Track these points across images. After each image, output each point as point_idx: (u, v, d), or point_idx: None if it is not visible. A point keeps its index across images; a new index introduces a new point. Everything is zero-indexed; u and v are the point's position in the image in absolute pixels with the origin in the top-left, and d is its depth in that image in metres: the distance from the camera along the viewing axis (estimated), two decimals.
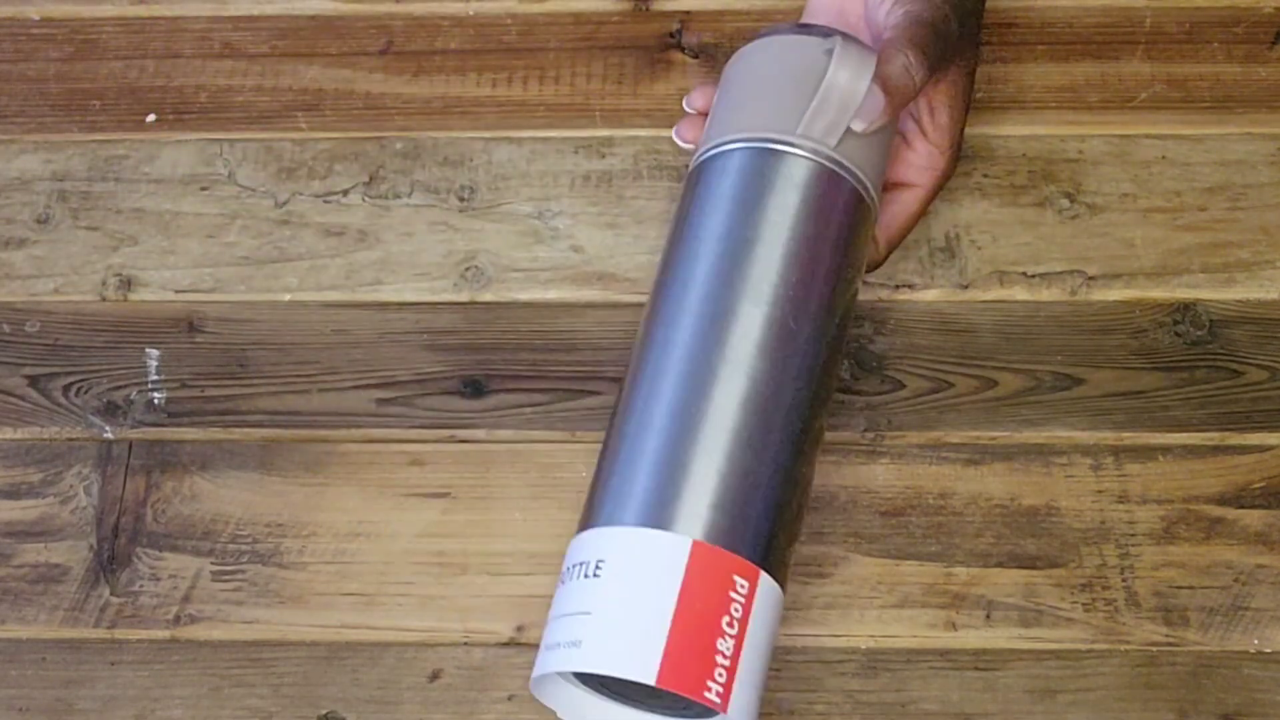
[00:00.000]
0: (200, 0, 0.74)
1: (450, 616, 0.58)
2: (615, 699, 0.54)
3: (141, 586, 0.59)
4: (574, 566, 0.52)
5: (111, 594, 0.59)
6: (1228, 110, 0.69)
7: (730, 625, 0.50)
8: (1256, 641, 0.57)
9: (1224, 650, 0.57)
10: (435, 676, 0.57)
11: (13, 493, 0.61)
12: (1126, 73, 0.70)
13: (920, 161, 0.62)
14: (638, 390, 0.54)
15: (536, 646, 0.57)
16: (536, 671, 0.52)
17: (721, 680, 0.49)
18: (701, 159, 0.58)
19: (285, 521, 0.60)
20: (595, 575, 0.51)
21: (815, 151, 0.56)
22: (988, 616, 0.57)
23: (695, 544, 0.50)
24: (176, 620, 0.58)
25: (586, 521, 0.53)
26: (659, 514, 0.51)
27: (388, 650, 0.58)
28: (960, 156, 0.64)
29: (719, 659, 0.49)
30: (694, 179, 0.58)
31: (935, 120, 0.61)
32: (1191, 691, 0.56)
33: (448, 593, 0.59)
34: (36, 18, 0.74)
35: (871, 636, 0.57)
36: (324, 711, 0.56)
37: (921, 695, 0.56)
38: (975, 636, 0.57)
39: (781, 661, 0.57)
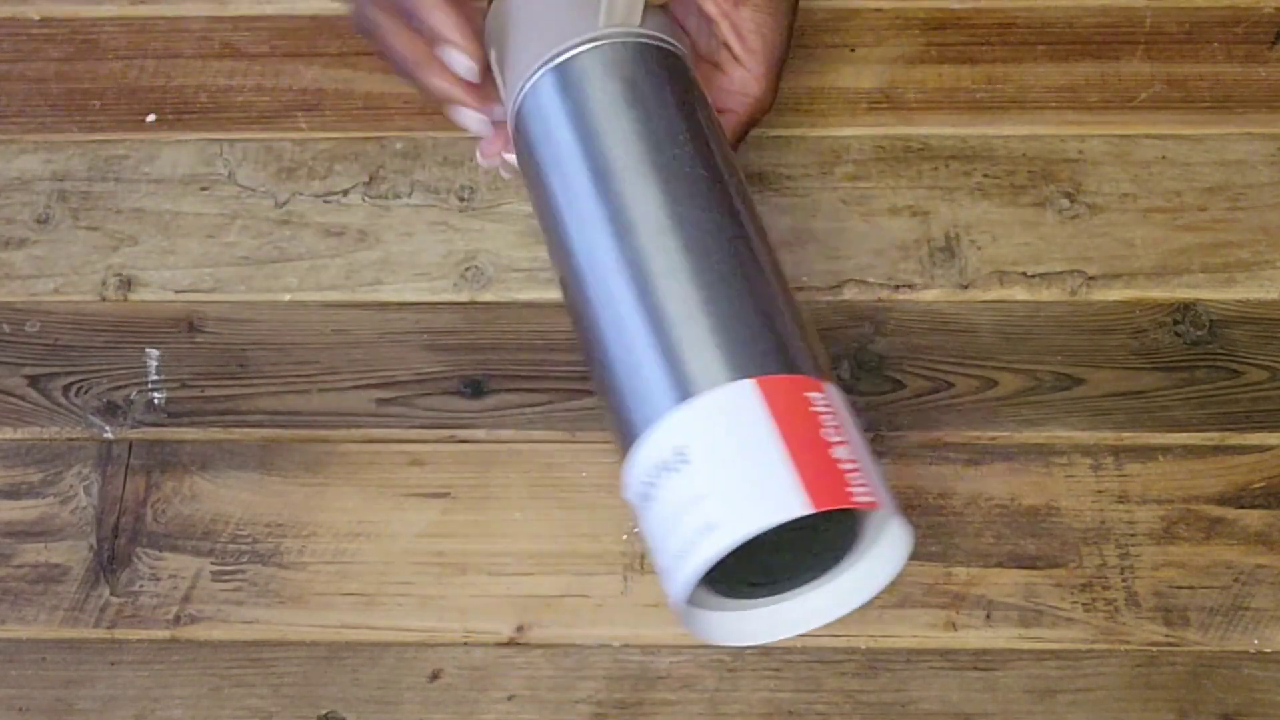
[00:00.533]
0: (200, 0, 0.74)
1: (450, 616, 0.58)
2: (749, 595, 0.51)
3: (141, 586, 0.59)
4: (650, 476, 0.48)
5: (111, 594, 0.59)
6: (1228, 110, 0.69)
7: (833, 435, 0.47)
8: (1256, 641, 0.57)
9: (1224, 650, 0.57)
10: (435, 676, 0.57)
11: (13, 493, 0.61)
12: (1126, 73, 0.70)
13: (733, 87, 0.62)
14: (591, 311, 0.52)
15: (536, 646, 0.57)
16: (678, 588, 0.46)
17: (861, 483, 0.46)
18: (519, 106, 0.57)
19: (285, 521, 0.60)
20: (684, 462, 0.47)
21: (626, 34, 0.56)
22: (988, 616, 0.57)
23: (759, 380, 0.48)
24: (176, 620, 0.58)
25: (627, 445, 0.49)
26: (707, 378, 0.48)
27: (388, 650, 0.58)
28: (779, 85, 0.63)
29: (845, 467, 0.47)
30: (521, 127, 0.57)
31: (746, 45, 0.61)
32: (1191, 691, 0.56)
33: (448, 593, 0.59)
34: (36, 18, 0.74)
35: (871, 636, 0.57)
36: (324, 711, 0.56)
37: (921, 695, 0.56)
38: (975, 636, 0.57)
39: (781, 661, 0.57)
